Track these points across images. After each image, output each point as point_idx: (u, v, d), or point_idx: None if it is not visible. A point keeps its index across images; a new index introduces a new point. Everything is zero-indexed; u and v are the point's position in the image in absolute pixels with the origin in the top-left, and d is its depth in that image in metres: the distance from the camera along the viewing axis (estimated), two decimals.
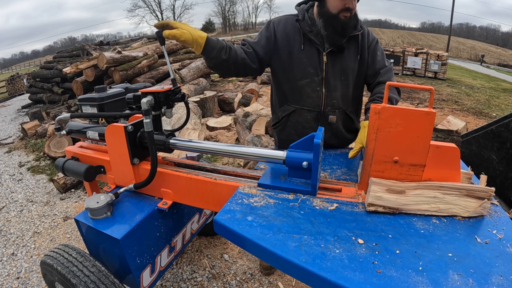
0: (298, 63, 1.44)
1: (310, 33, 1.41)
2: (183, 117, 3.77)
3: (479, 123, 5.61)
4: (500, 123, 2.29)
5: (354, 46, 1.44)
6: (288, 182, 1.09)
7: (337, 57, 1.42)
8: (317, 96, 1.46)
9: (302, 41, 1.42)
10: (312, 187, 1.03)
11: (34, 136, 5.26)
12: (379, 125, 0.94)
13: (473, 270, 0.70)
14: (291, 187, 1.06)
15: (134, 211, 1.30)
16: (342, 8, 1.31)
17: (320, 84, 1.44)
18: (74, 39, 74.20)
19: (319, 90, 1.45)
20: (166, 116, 1.33)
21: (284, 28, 1.45)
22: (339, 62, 1.43)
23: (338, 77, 1.44)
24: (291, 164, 1.08)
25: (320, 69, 1.43)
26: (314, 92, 1.46)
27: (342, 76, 1.45)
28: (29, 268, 2.17)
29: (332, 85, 1.45)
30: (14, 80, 13.34)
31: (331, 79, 1.44)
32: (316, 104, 1.47)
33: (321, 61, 1.42)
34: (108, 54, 5.93)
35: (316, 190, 1.04)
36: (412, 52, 12.05)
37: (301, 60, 1.43)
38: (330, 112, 1.49)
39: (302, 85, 1.46)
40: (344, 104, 1.50)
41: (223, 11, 61.06)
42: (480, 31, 67.43)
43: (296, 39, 1.43)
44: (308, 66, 1.43)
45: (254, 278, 1.96)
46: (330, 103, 1.47)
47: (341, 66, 1.43)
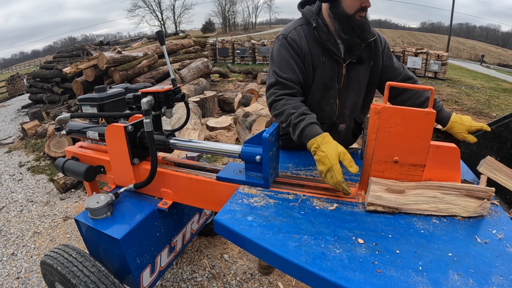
0: (319, 78, 1.31)
1: (328, 42, 1.27)
2: (183, 117, 3.77)
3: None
4: (500, 123, 2.28)
5: (368, 53, 1.35)
6: (244, 176, 1.14)
7: (355, 68, 1.33)
8: (330, 109, 1.38)
9: (322, 53, 1.29)
10: (265, 180, 1.07)
11: (34, 136, 5.26)
12: (379, 125, 0.94)
13: (473, 270, 0.70)
14: (246, 180, 1.10)
15: (134, 211, 1.30)
16: (359, 7, 1.19)
17: (335, 96, 1.36)
18: (74, 39, 74.28)
19: (333, 103, 1.37)
20: (166, 116, 1.33)
21: (306, 43, 1.28)
22: (355, 72, 1.34)
23: (352, 88, 1.36)
24: (245, 158, 1.12)
25: (338, 82, 1.32)
26: (327, 105, 1.37)
27: (356, 86, 1.37)
28: (29, 268, 2.17)
29: (345, 96, 1.37)
30: (14, 80, 13.34)
31: (345, 90, 1.36)
32: (329, 116, 1.39)
33: (340, 74, 1.31)
34: (108, 54, 5.93)
35: (269, 183, 1.07)
36: (412, 52, 12.06)
37: (322, 74, 1.30)
38: (340, 122, 1.44)
39: (319, 99, 1.36)
40: (354, 112, 1.45)
41: (223, 11, 61.09)
42: (480, 31, 67.46)
43: (318, 52, 1.29)
44: (327, 80, 1.31)
45: (254, 278, 1.96)
46: (342, 114, 1.41)
47: (357, 76, 1.35)
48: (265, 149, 1.01)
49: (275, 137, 1.09)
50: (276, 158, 1.14)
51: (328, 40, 1.27)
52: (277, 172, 1.19)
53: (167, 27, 42.98)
